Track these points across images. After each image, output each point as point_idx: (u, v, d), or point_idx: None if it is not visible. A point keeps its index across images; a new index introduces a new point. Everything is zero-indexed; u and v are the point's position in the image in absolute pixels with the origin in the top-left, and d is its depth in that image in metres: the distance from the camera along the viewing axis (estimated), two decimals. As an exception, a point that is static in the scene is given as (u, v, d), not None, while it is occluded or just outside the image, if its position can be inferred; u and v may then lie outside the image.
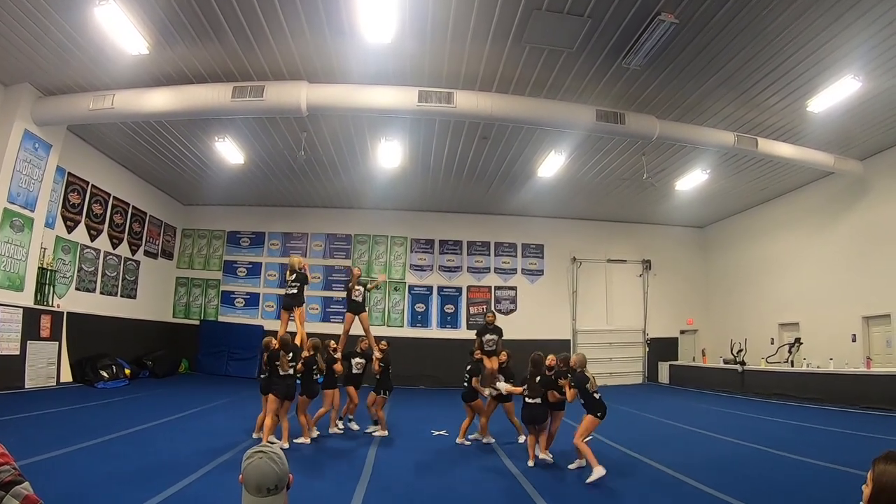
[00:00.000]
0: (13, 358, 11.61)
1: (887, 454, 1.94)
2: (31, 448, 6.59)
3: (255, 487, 2.07)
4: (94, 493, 5.31)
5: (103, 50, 10.05)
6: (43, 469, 5.90)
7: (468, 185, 17.68)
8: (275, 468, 2.09)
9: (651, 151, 14.20)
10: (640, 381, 21.03)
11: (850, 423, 10.84)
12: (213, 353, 19.62)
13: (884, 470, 1.89)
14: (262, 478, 2.07)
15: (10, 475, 1.78)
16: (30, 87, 11.72)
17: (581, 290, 21.23)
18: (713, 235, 22.35)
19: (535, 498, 5.87)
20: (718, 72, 10.62)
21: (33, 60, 10.66)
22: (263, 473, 2.08)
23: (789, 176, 16.55)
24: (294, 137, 13.86)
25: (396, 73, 10.85)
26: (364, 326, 11.11)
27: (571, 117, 11.79)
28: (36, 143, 12.10)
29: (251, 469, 2.09)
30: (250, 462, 2.11)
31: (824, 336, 15.92)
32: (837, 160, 14.48)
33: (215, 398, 13.23)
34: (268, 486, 2.07)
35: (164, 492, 5.45)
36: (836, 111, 11.89)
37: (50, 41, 9.92)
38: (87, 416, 9.69)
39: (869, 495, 1.91)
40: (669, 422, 11.73)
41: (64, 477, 5.74)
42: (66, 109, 11.95)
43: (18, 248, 11.88)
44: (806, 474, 7.03)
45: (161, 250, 19.61)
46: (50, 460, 6.33)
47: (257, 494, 2.07)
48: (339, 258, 20.76)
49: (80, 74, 11.18)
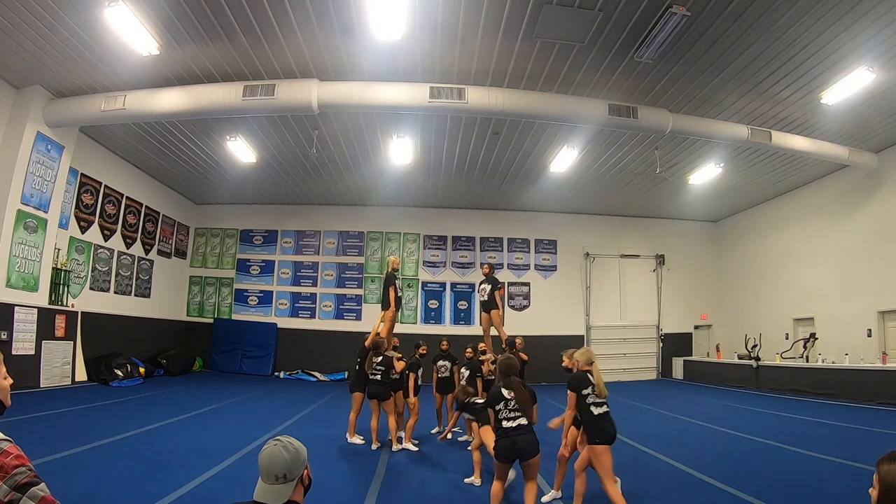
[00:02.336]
0: (28, 357, 11.74)
1: (891, 454, 1.94)
2: (47, 447, 6.67)
3: (265, 473, 2.17)
4: (111, 491, 5.34)
5: (114, 51, 10.10)
6: (59, 467, 5.96)
7: (480, 180, 17.64)
8: (286, 456, 2.18)
9: (664, 145, 14.10)
10: (654, 377, 20.95)
11: (865, 420, 10.72)
12: (226, 352, 19.77)
13: (889, 469, 1.88)
14: (272, 465, 2.16)
15: (26, 477, 1.79)
16: (41, 90, 11.81)
17: (594, 285, 21.16)
18: (727, 230, 22.15)
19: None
20: (731, 64, 10.50)
21: (44, 63, 10.74)
22: (274, 461, 2.17)
23: (803, 169, 16.39)
24: (306, 135, 13.89)
25: (407, 70, 10.83)
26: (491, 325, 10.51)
27: (583, 112, 11.71)
28: (48, 144, 12.20)
29: (263, 455, 2.20)
30: (264, 449, 2.22)
31: (839, 331, 15.76)
32: (852, 153, 14.29)
33: (229, 396, 13.31)
34: (276, 473, 2.16)
35: (179, 489, 5.48)
36: (850, 103, 11.73)
37: (60, 43, 9.99)
38: (102, 415, 9.77)
39: (877, 497, 1.89)
40: (683, 417, 11.66)
41: (80, 475, 5.79)
42: (78, 111, 12.03)
43: (33, 248, 12.00)
44: (820, 471, 6.94)
45: (174, 249, 19.75)
46: (66, 458, 6.39)
47: (266, 481, 2.17)
48: (352, 255, 20.82)
49: (90, 76, 11.25)
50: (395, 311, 9.68)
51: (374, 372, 8.20)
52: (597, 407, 5.28)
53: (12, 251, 11.49)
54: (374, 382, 8.19)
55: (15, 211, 11.51)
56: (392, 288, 9.74)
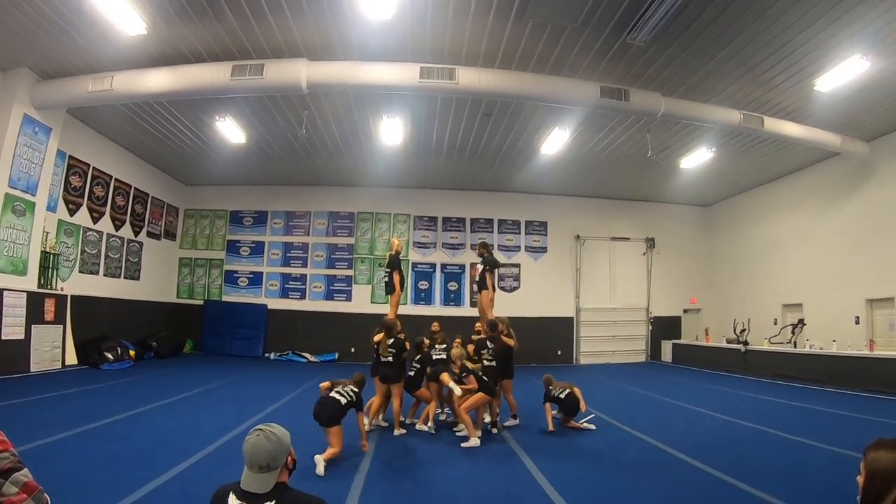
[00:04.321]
0: (18, 342, 11.69)
1: (877, 442, 1.96)
2: (36, 432, 6.66)
3: (249, 463, 2.21)
4: (99, 475, 5.34)
5: (101, 31, 9.93)
6: (47, 452, 5.96)
7: (471, 162, 17.57)
8: (267, 446, 2.22)
9: (656, 129, 14.07)
10: (642, 360, 21.16)
11: (852, 406, 10.86)
12: (217, 333, 19.78)
13: (875, 457, 1.91)
14: (255, 455, 2.20)
15: (8, 462, 1.79)
16: (28, 72, 11.63)
17: (585, 267, 21.26)
18: (718, 214, 22.23)
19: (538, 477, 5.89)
20: (725, 48, 10.43)
21: (30, 44, 10.56)
22: (256, 450, 2.21)
23: (795, 156, 16.42)
24: (295, 116, 13.76)
25: (397, 50, 10.70)
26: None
27: (575, 94, 11.63)
28: (35, 127, 12.04)
29: (247, 445, 2.24)
30: (248, 438, 2.26)
31: (827, 318, 15.92)
32: (844, 141, 14.33)
33: (219, 378, 13.33)
34: (259, 462, 2.20)
35: (167, 472, 5.50)
36: (844, 91, 11.70)
37: (46, 24, 9.81)
38: (91, 399, 9.75)
39: (864, 484, 1.91)
40: (671, 400, 11.78)
41: (68, 459, 5.79)
42: (65, 92, 11.84)
43: (21, 232, 11.89)
44: (807, 457, 7.02)
45: (164, 231, 19.62)
46: (54, 443, 6.39)
47: (251, 470, 2.21)
48: (342, 236, 20.78)
49: (77, 57, 11.07)
50: (399, 294, 9.70)
51: (386, 354, 8.25)
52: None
53: (0, 235, 11.37)
54: (387, 365, 8.24)
55: (3, 194, 11.38)
56: (397, 272, 9.78)
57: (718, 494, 5.50)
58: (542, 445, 7.56)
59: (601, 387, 14.31)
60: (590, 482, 5.88)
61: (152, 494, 4.95)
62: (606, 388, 14.23)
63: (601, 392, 13.07)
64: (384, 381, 8.29)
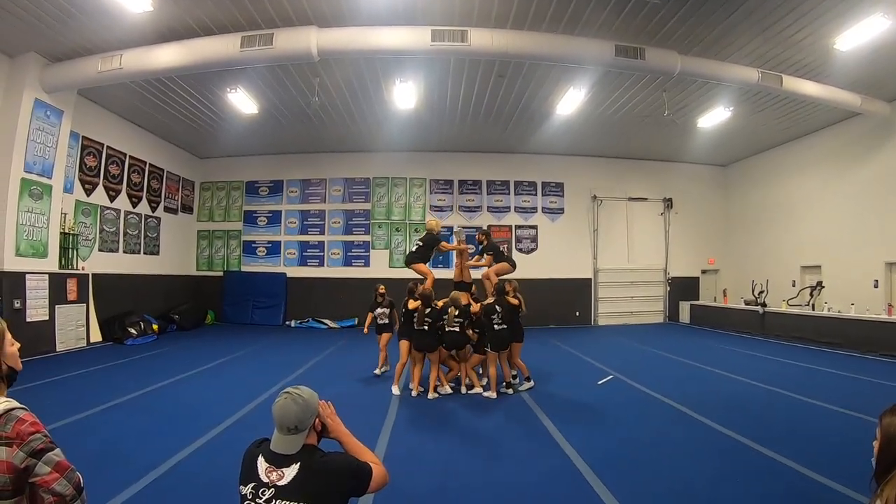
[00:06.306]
0: (43, 323, 11.96)
1: (893, 407, 1.95)
2: (67, 409, 6.86)
3: (278, 425, 2.26)
4: (131, 448, 5.51)
5: (106, 10, 9.80)
6: (79, 428, 6.15)
7: (485, 124, 17.34)
8: (295, 408, 2.26)
9: (672, 88, 13.76)
10: (660, 321, 21.13)
11: (869, 370, 10.77)
12: (237, 303, 20.04)
13: (891, 422, 1.89)
14: (283, 417, 2.25)
15: (41, 443, 1.84)
16: (36, 56, 11.61)
17: (602, 228, 21.08)
18: (735, 174, 21.82)
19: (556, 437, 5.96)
20: (742, 5, 10.06)
21: (36, 28, 10.50)
22: (284, 413, 2.25)
23: (814, 115, 15.96)
24: (307, 83, 13.64)
25: (408, 13, 10.47)
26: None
27: (589, 53, 11.34)
28: (47, 110, 12.07)
29: (276, 408, 2.28)
30: (276, 401, 2.30)
31: (846, 280, 15.71)
32: (864, 101, 13.90)
33: (242, 347, 13.59)
34: (287, 425, 2.25)
35: (195, 441, 5.65)
36: (864, 50, 11.27)
37: (51, 7, 9.72)
38: (117, 374, 10.00)
39: (879, 448, 1.91)
40: (689, 361, 11.82)
41: (100, 434, 5.97)
42: (75, 74, 11.81)
43: (39, 215, 12.03)
44: (821, 419, 7.05)
45: (181, 205, 19.76)
46: (84, 420, 6.57)
47: (280, 432, 2.26)
48: (358, 202, 20.76)
49: (84, 38, 10.99)
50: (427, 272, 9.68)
51: (422, 324, 8.49)
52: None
53: (19, 220, 11.52)
54: (422, 333, 8.52)
55: (19, 180, 11.48)
56: (437, 248, 9.98)
57: (734, 456, 5.57)
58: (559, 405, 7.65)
59: (618, 347, 14.37)
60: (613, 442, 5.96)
61: (184, 462, 5.10)
62: (624, 348, 14.29)
63: (619, 352, 13.13)
64: (419, 349, 8.58)
